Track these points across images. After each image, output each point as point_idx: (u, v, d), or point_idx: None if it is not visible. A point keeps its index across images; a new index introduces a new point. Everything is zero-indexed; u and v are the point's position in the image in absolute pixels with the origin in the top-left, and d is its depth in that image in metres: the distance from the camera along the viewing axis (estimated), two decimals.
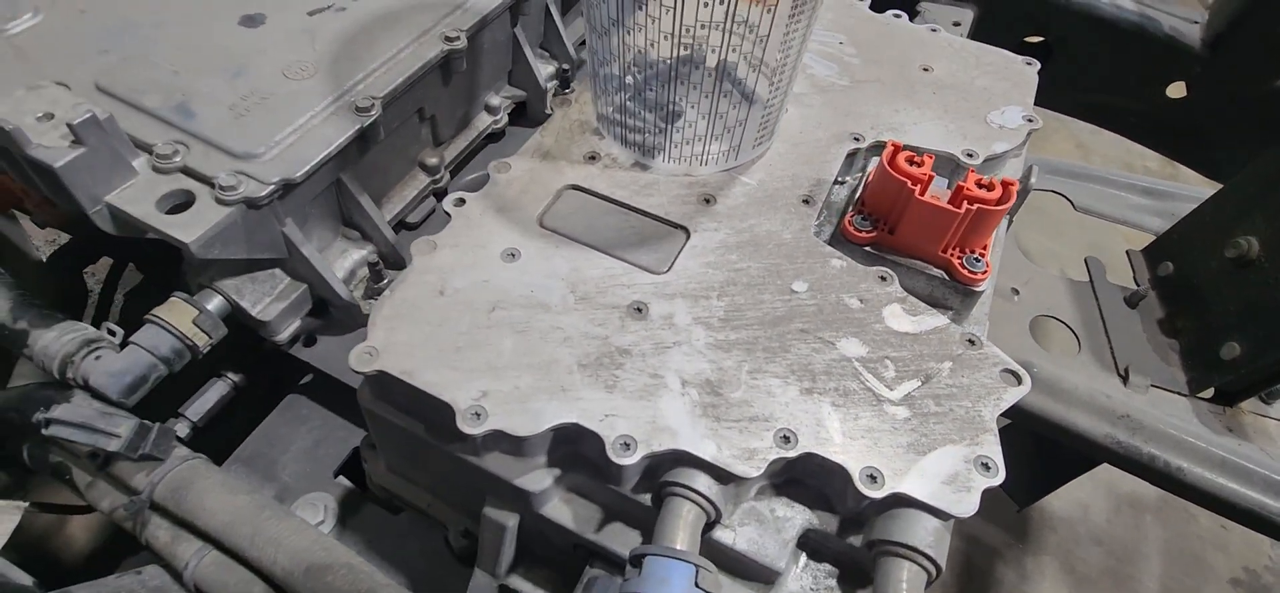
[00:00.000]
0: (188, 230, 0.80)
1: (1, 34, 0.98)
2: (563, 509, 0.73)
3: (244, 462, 1.01)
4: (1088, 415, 1.13)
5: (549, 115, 1.24)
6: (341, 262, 1.05)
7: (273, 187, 0.85)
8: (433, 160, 1.19)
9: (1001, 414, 0.72)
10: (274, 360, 1.13)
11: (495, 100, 1.30)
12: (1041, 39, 1.83)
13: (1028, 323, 1.26)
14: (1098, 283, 1.33)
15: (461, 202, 0.86)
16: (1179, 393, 1.19)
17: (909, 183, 0.80)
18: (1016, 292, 1.29)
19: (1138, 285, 1.33)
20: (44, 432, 0.76)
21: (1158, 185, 1.53)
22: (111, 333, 0.91)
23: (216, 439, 1.08)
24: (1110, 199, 1.52)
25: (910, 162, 0.82)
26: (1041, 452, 1.41)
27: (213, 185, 0.84)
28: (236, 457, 1.02)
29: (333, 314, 1.04)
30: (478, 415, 0.67)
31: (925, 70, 1.11)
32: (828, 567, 0.71)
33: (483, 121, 1.29)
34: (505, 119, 1.33)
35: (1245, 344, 1.12)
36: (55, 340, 0.87)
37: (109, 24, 1.02)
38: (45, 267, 1.40)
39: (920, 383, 0.72)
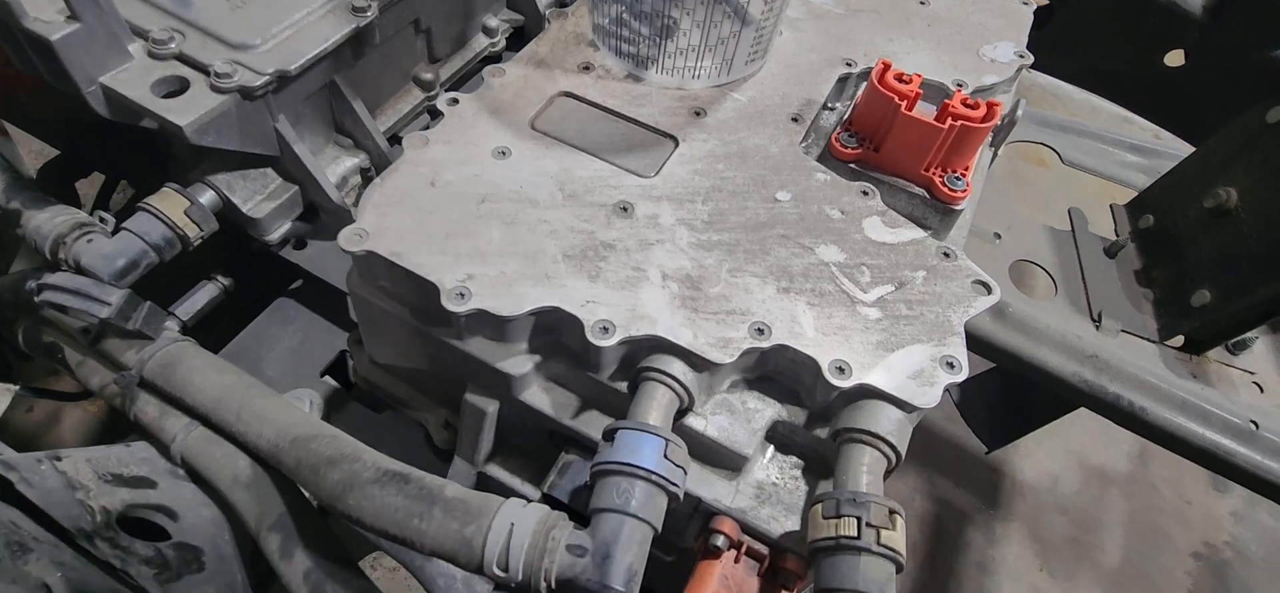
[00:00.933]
0: (183, 114, 0.81)
1: None
2: (541, 396, 0.75)
3: (231, 357, 1.03)
4: (1057, 353, 1.16)
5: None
6: (334, 167, 1.06)
7: (267, 78, 0.86)
8: (428, 76, 1.19)
9: (972, 339, 0.74)
10: (264, 266, 1.14)
11: (493, 22, 1.30)
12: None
13: (1007, 266, 1.28)
14: (1079, 232, 1.35)
15: (455, 101, 0.87)
16: (1148, 339, 1.22)
17: (896, 98, 0.82)
18: (998, 236, 1.31)
19: (1118, 237, 1.36)
20: (37, 297, 0.78)
21: (1147, 143, 1.55)
22: (102, 221, 0.92)
23: (206, 343, 1.10)
24: (1099, 154, 1.54)
25: (899, 79, 0.84)
26: (1012, 396, 1.45)
27: (208, 73, 0.84)
28: (224, 353, 1.04)
29: (323, 219, 1.06)
30: (462, 295, 0.69)
31: (921, 3, 1.11)
32: (794, 459, 0.74)
33: (480, 43, 1.29)
34: (503, 42, 1.33)
35: (1215, 291, 1.15)
36: (48, 221, 0.88)
37: None
38: (35, 181, 1.40)
39: (894, 288, 0.75)
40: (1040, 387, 1.20)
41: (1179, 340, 1.23)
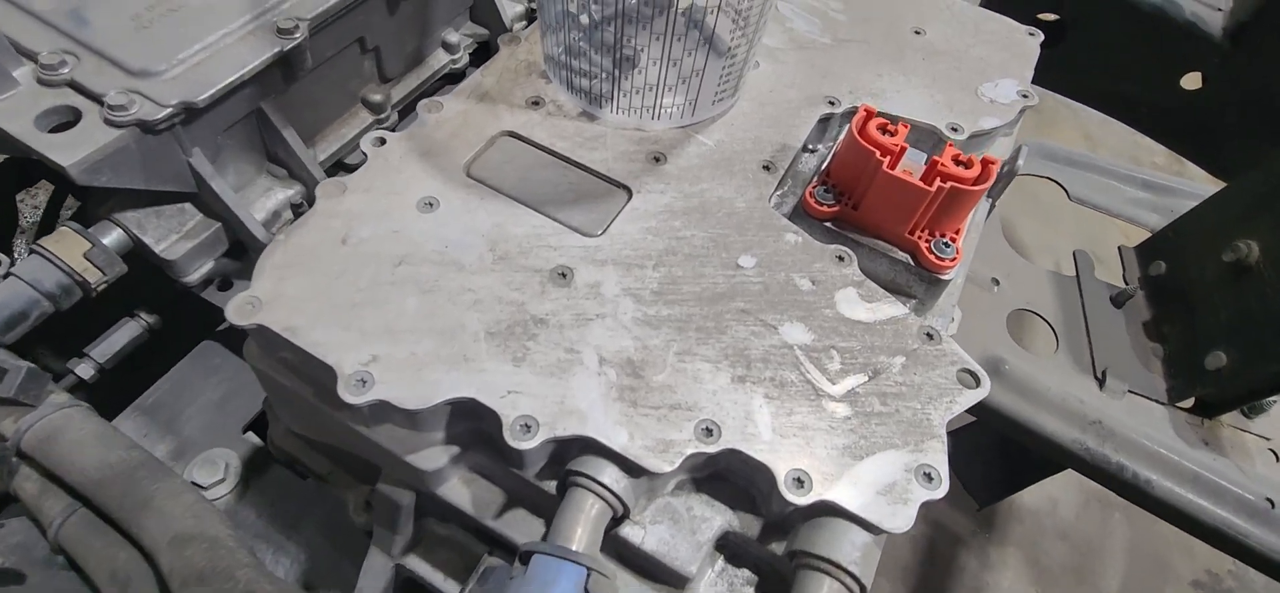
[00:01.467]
0: (68, 153, 0.72)
1: None
2: (462, 491, 0.66)
3: (145, 412, 0.94)
4: (1057, 419, 1.07)
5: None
6: (264, 201, 0.96)
7: (170, 109, 0.76)
8: (377, 97, 1.10)
9: (967, 410, 0.65)
10: (197, 305, 1.05)
11: (454, 37, 1.20)
12: (1056, 17, 1.72)
13: (1005, 316, 1.18)
14: (1084, 278, 1.25)
15: (382, 141, 0.78)
16: (1157, 401, 1.12)
17: (877, 153, 0.71)
18: (997, 282, 1.21)
19: (1126, 284, 1.26)
20: None
21: (1159, 180, 1.44)
22: None
23: (128, 386, 1.01)
24: (1108, 191, 1.43)
25: (882, 130, 0.74)
26: (1006, 452, 1.36)
27: (102, 104, 0.75)
28: (137, 406, 0.95)
29: (251, 257, 0.96)
30: (363, 382, 0.60)
31: (917, 33, 1.01)
32: (747, 573, 0.64)
33: (439, 59, 1.19)
34: (465, 58, 1.23)
35: (1233, 354, 1.05)
36: None
37: None
38: None
39: (867, 378, 0.65)
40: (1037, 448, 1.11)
41: (1190, 402, 1.13)
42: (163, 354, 1.05)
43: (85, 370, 0.94)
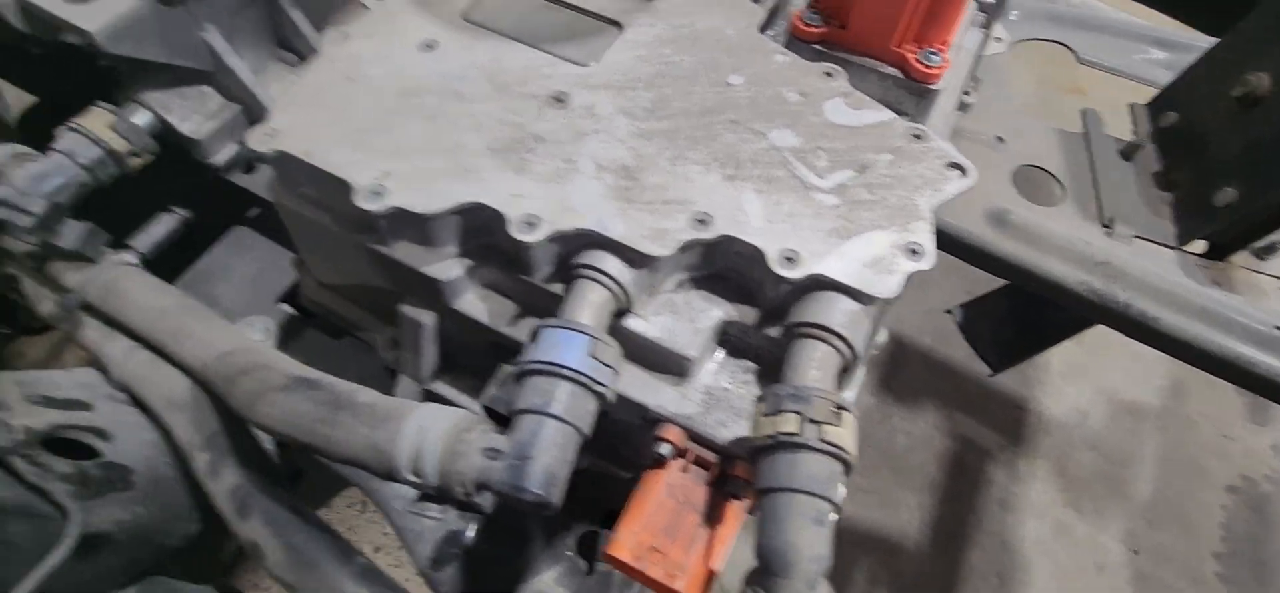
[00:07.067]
0: (92, 18, 0.76)
1: None
2: (477, 304, 0.70)
3: (185, 288, 1.00)
4: (1063, 262, 1.07)
5: None
6: (278, 87, 1.00)
7: None
8: None
9: (970, 250, 0.67)
10: (225, 197, 1.11)
11: None
12: None
13: (1010, 172, 1.18)
14: (1092, 133, 1.24)
15: None
16: (1166, 245, 1.12)
17: None
18: (1001, 140, 1.21)
19: (1136, 137, 1.24)
20: None
21: (1173, 36, 1.41)
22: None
23: (166, 278, 1.07)
24: (1120, 51, 1.40)
25: None
26: (1019, 314, 1.36)
27: None
28: (176, 284, 1.01)
29: None
30: (377, 193, 0.64)
31: None
32: (747, 362, 0.68)
33: None
34: None
35: (1242, 188, 1.04)
36: None
37: None
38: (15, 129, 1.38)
39: (854, 172, 0.68)
40: (1048, 303, 1.11)
41: (1200, 246, 1.13)
42: (195, 249, 1.11)
43: (129, 259, 1.01)
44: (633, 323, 0.65)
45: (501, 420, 0.67)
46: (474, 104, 0.71)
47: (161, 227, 1.05)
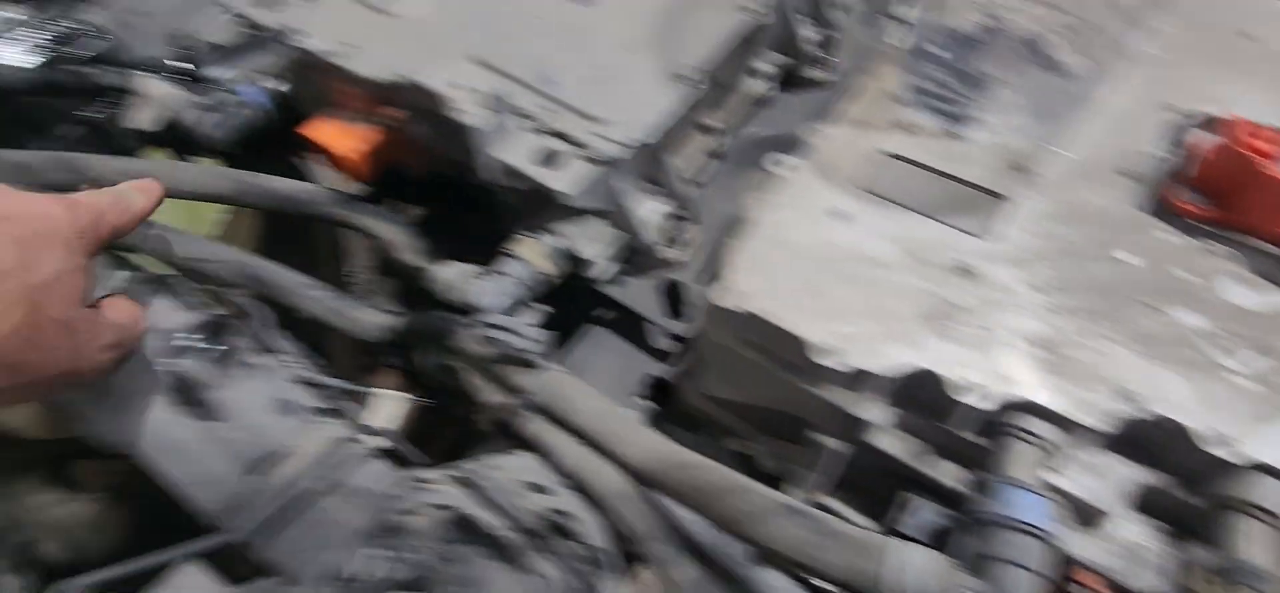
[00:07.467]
0: (563, 182, 0.98)
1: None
2: (894, 443, 0.83)
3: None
4: None
5: (824, 81, 1.32)
6: (644, 213, 1.20)
7: (631, 147, 1.01)
8: (712, 122, 1.31)
9: None
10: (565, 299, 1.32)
11: (762, 65, 1.40)
12: None
13: None
14: None
15: (787, 163, 0.97)
16: None
17: (1256, 156, 0.80)
18: None
19: None
20: (485, 332, 0.97)
21: None
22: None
23: None
24: None
25: (1254, 135, 0.82)
26: None
27: (580, 145, 1.01)
28: None
29: (634, 259, 1.21)
30: (830, 353, 0.79)
31: (1251, 40, 1.05)
32: (1157, 521, 0.76)
33: (754, 85, 1.39)
34: (773, 85, 1.42)
35: None
36: (442, 271, 1.10)
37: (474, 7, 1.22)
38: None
39: (1259, 354, 0.75)
40: None
41: None
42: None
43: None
44: (1058, 479, 0.75)
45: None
46: (892, 272, 0.85)
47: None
